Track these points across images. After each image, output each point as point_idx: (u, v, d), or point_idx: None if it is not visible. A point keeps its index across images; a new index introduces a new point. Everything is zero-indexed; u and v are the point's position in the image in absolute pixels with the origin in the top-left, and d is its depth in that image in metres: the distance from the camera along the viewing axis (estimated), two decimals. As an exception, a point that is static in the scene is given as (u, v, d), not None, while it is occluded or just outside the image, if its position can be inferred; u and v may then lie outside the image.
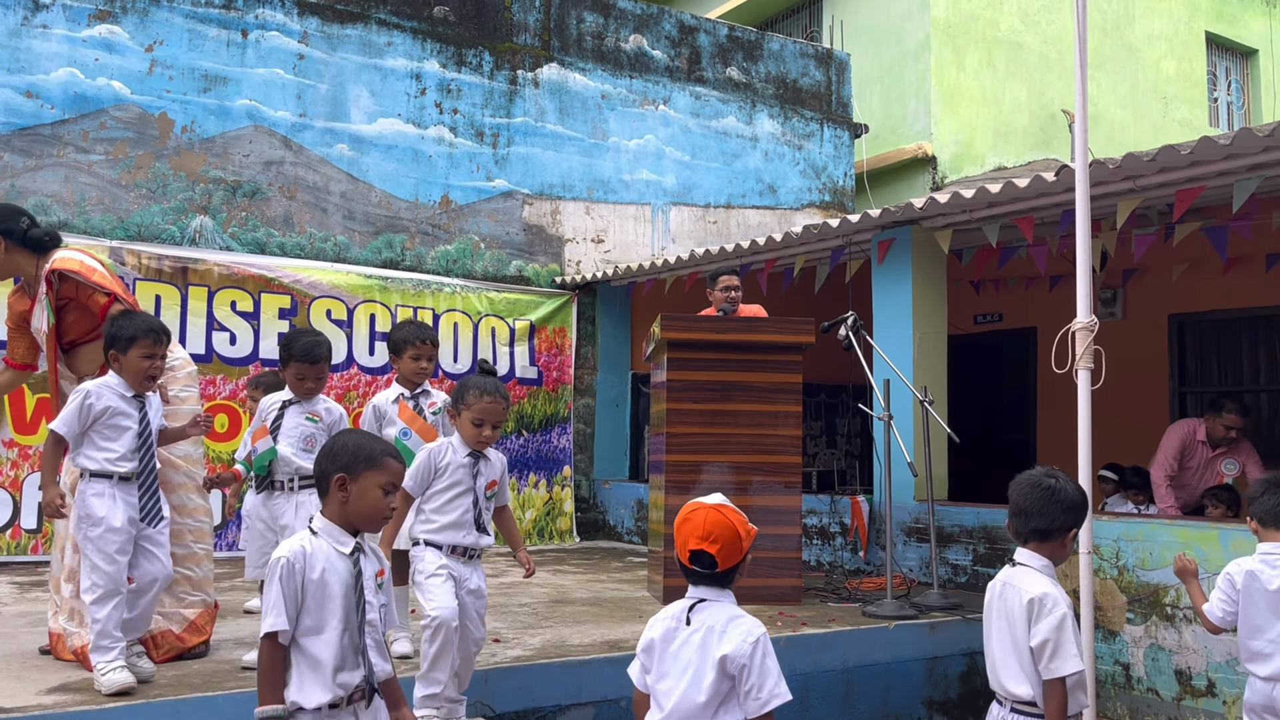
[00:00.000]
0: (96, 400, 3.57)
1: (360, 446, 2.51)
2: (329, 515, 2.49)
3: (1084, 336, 4.40)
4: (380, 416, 4.31)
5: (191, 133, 7.93)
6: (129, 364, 3.63)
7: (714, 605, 2.58)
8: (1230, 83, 14.92)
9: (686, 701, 2.49)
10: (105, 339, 3.68)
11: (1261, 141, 4.80)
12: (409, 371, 4.39)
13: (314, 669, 2.37)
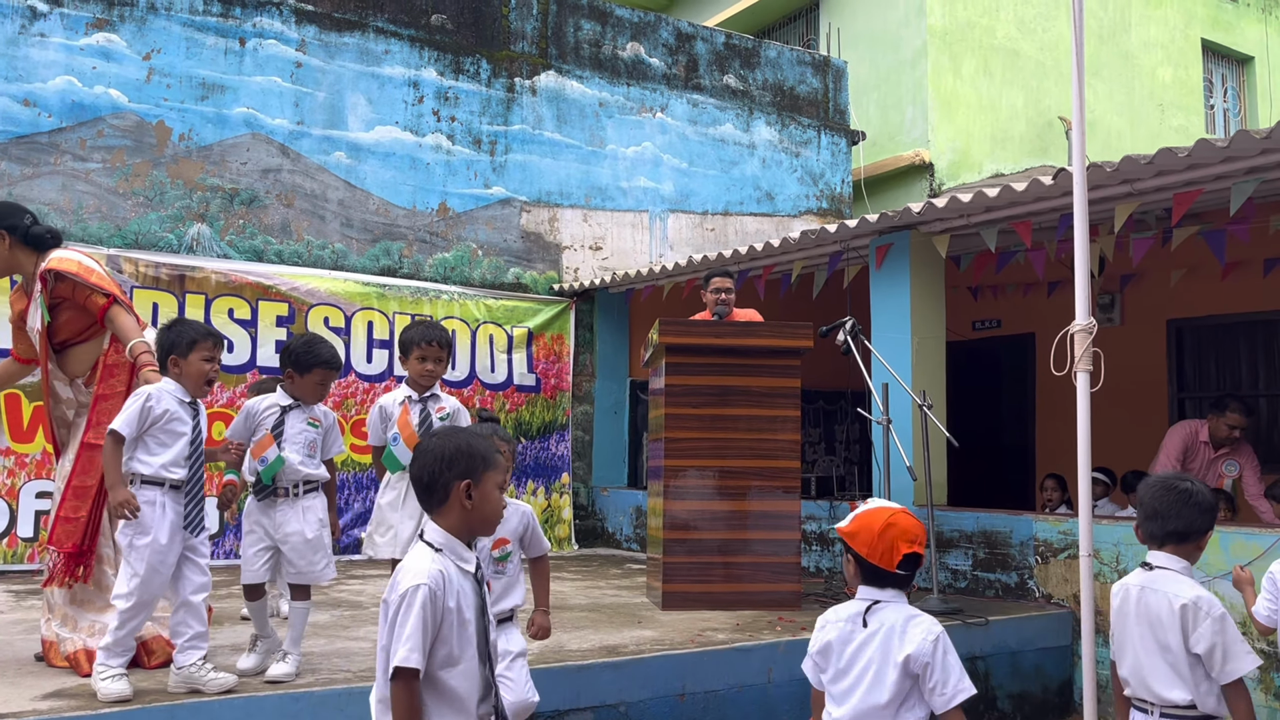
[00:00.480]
0: (157, 403, 3.55)
1: (473, 446, 2.32)
2: (449, 526, 2.29)
3: (1083, 338, 4.38)
4: (385, 417, 4.25)
5: (189, 141, 7.93)
6: (190, 368, 3.64)
7: (890, 606, 2.65)
8: (1226, 90, 14.96)
9: (868, 702, 2.57)
10: (161, 345, 3.67)
11: (1259, 144, 4.80)
12: (416, 374, 4.27)
13: (453, 704, 2.19)
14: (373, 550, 4.23)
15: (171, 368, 3.65)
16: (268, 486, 3.92)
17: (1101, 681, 5.45)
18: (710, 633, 4.83)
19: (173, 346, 3.64)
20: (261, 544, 3.92)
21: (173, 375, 3.65)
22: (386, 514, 4.18)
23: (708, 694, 4.37)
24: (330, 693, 3.58)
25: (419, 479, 2.32)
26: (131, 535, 3.49)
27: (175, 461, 3.58)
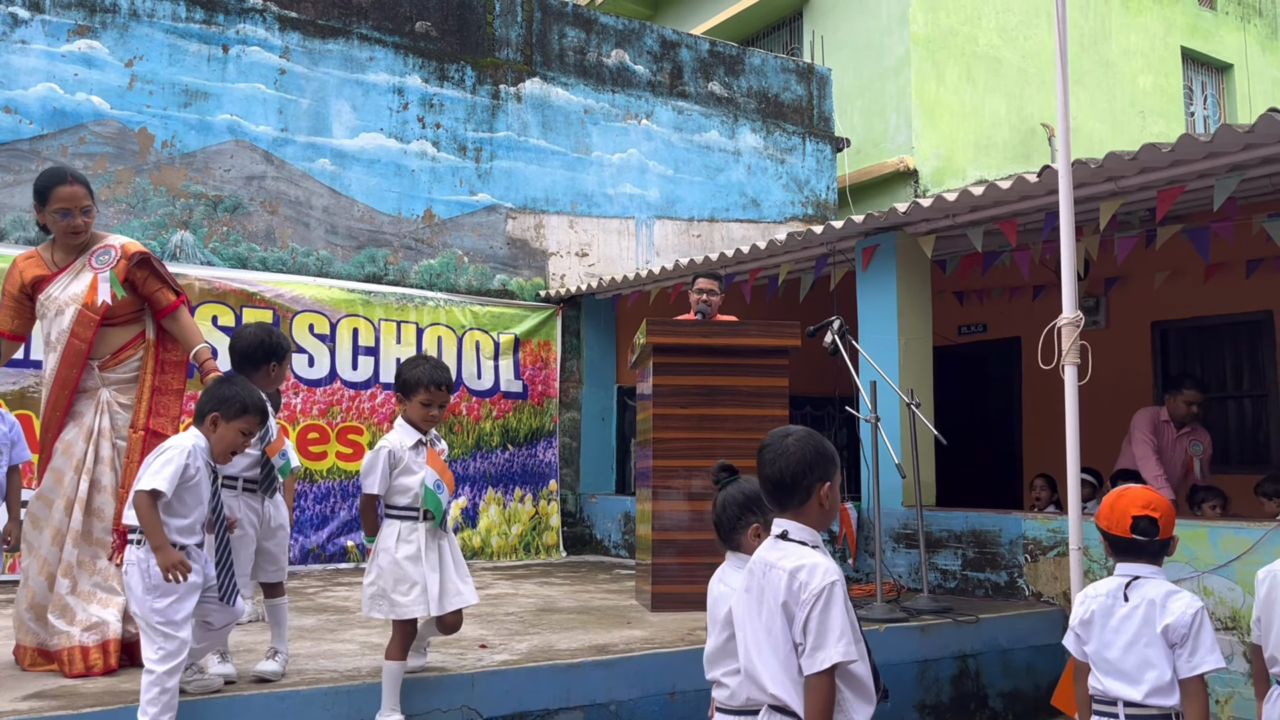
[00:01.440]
0: (192, 462, 3.27)
1: (828, 448, 2.42)
2: (810, 524, 2.38)
3: (1070, 332, 4.40)
4: (395, 464, 3.67)
5: (172, 148, 7.89)
6: (228, 433, 3.35)
7: (1150, 581, 2.86)
8: (1206, 97, 15.10)
9: (1144, 674, 2.82)
10: (211, 396, 3.39)
11: (1241, 139, 4.83)
12: (417, 417, 3.74)
13: (862, 693, 2.27)
14: (388, 611, 3.56)
15: (209, 425, 3.35)
16: (268, 481, 3.85)
17: (1092, 679, 5.44)
18: (700, 632, 4.79)
19: (222, 403, 3.36)
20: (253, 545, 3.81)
21: (206, 432, 3.35)
22: (407, 569, 3.56)
23: (698, 693, 4.33)
24: (316, 692, 3.53)
25: (779, 480, 2.38)
26: (152, 600, 3.17)
27: (190, 528, 3.29)
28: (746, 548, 2.64)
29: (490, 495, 8.78)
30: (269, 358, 3.85)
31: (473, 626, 4.99)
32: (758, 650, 2.33)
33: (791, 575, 2.29)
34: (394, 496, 3.64)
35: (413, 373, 3.74)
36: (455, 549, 3.74)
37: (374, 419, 8.29)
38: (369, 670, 3.85)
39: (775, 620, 2.30)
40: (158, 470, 3.20)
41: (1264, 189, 5.90)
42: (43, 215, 4.03)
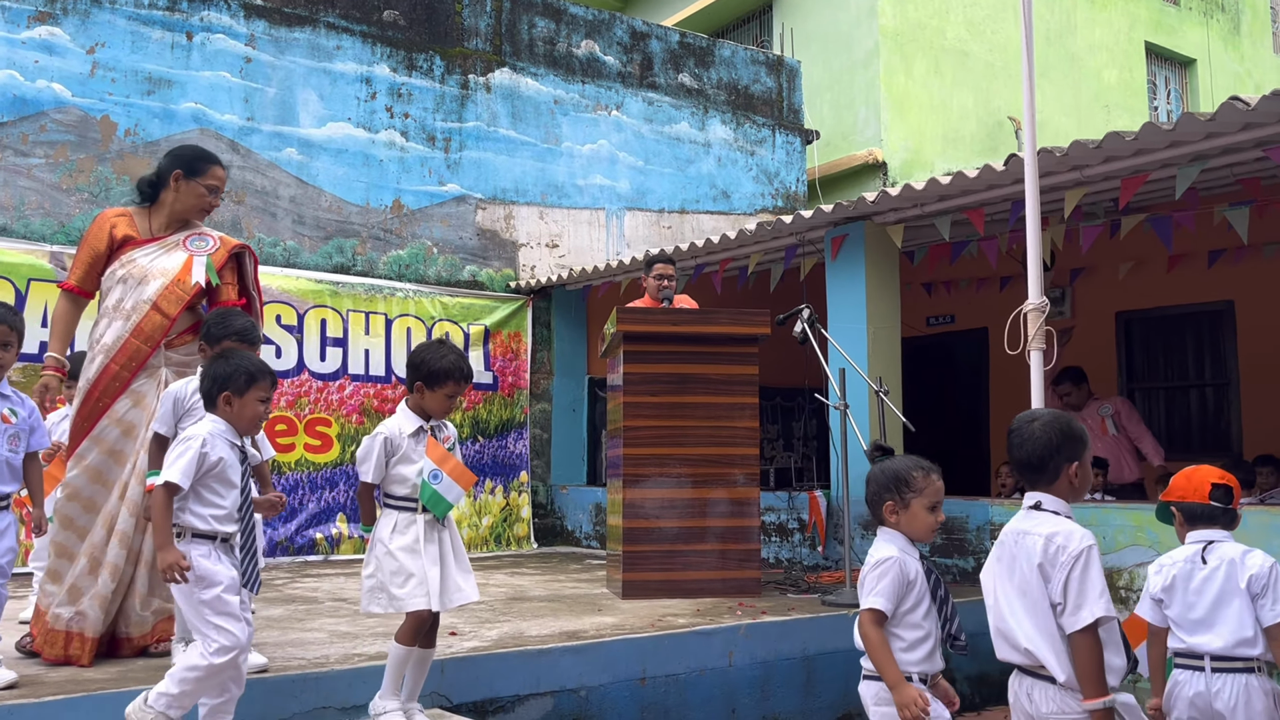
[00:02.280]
0: (211, 449, 3.09)
1: (1075, 428, 2.68)
2: (1063, 497, 2.63)
3: (1035, 317, 4.44)
4: (392, 451, 3.42)
5: (135, 136, 7.78)
6: (246, 408, 3.17)
7: (1225, 544, 3.13)
8: (1169, 92, 15.29)
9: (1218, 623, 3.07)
10: (213, 379, 3.18)
11: (1203, 128, 4.89)
12: (436, 408, 3.46)
13: (1112, 645, 2.55)
14: (386, 605, 3.35)
15: (223, 405, 3.17)
16: None
17: (1058, 662, 5.50)
18: (671, 618, 4.80)
19: (227, 380, 3.17)
20: None
21: (223, 414, 3.17)
22: (405, 561, 3.33)
23: (668, 677, 4.34)
24: (283, 679, 3.50)
25: (1028, 462, 2.65)
26: (196, 591, 3.00)
27: (229, 515, 3.11)
28: (887, 523, 2.87)
29: (460, 487, 8.73)
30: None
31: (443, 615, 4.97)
32: (1011, 611, 2.60)
33: (1048, 540, 2.53)
34: (391, 485, 3.43)
35: (441, 362, 3.43)
36: (457, 541, 3.52)
37: (342, 410, 8.23)
38: (337, 658, 3.83)
39: (1030, 583, 2.55)
40: (172, 462, 3.04)
41: (1225, 179, 5.99)
42: (179, 182, 4.05)
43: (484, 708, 3.84)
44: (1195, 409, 8.55)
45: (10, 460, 3.38)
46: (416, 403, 3.47)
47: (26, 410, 3.46)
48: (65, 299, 3.97)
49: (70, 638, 3.69)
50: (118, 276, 3.92)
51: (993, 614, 2.69)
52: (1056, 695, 2.54)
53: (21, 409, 3.44)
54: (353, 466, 8.22)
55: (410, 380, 3.49)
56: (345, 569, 7.33)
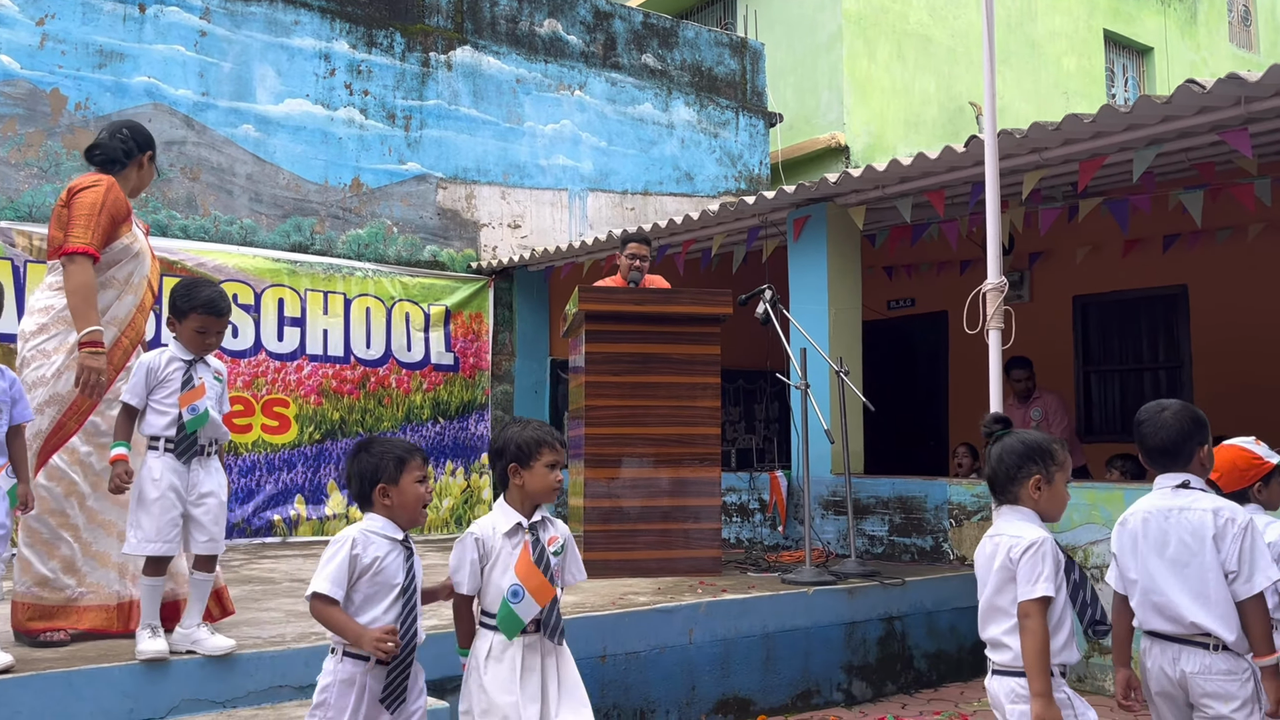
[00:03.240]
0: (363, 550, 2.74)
1: (1199, 412, 2.86)
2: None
3: (994, 297, 4.47)
4: (485, 556, 2.89)
5: (86, 110, 7.61)
6: (405, 495, 2.81)
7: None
8: (1127, 79, 15.47)
9: None
10: (359, 476, 2.84)
11: (1159, 110, 4.95)
12: (541, 489, 2.94)
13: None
14: None
15: (380, 500, 2.78)
16: (185, 442, 3.46)
17: (1013, 639, 5.58)
18: (631, 596, 4.80)
19: (378, 473, 2.78)
20: (175, 510, 3.42)
21: (382, 510, 2.79)
22: (497, 697, 2.79)
23: (629, 655, 4.35)
24: (239, 657, 3.45)
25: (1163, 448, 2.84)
26: None
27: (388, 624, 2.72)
28: (1026, 500, 2.67)
29: (421, 468, 8.67)
30: None
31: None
32: (1166, 585, 2.75)
33: (1216, 514, 2.73)
34: (486, 599, 2.88)
35: (526, 434, 2.94)
36: (567, 669, 2.94)
37: (300, 391, 8.13)
38: (293, 636, 3.78)
39: (1197, 555, 2.72)
40: (320, 568, 2.69)
41: (1180, 164, 6.07)
42: (150, 164, 4.10)
43: (444, 685, 3.81)
44: (1149, 391, 8.68)
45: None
46: (516, 494, 2.94)
47: (7, 382, 3.33)
48: (91, 267, 3.66)
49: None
50: (133, 251, 3.87)
51: (1140, 588, 2.83)
52: (1220, 659, 2.70)
53: (2, 380, 3.32)
54: (310, 447, 8.14)
55: (499, 469, 2.97)
56: (303, 550, 7.26)
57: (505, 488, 2.97)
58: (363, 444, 2.88)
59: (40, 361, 3.71)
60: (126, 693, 3.23)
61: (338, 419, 8.29)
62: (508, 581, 2.83)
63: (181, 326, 3.54)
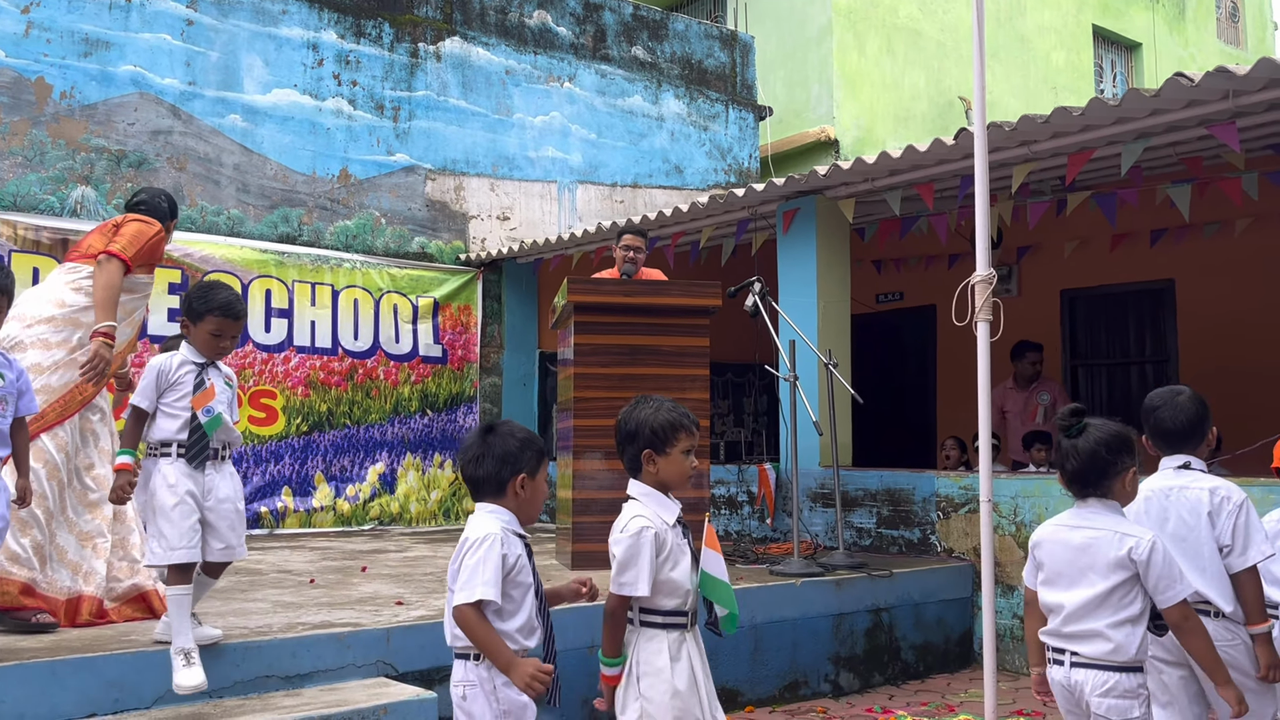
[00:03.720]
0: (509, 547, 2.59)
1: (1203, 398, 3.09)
2: (1203, 458, 3.02)
3: (983, 289, 4.47)
4: (661, 548, 2.69)
5: (71, 99, 7.55)
6: (539, 489, 2.70)
7: None
8: (1116, 75, 15.52)
9: None
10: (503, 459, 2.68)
11: (1148, 103, 4.96)
12: (676, 478, 2.76)
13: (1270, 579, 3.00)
14: None
15: (514, 490, 2.63)
16: (197, 446, 3.34)
17: (1000, 631, 5.60)
18: (620, 588, 4.80)
19: (519, 462, 2.63)
20: (194, 515, 3.29)
21: (512, 501, 2.64)
22: (690, 702, 2.64)
23: (617, 646, 4.33)
24: (226, 647, 3.44)
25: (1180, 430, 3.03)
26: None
27: (530, 626, 2.61)
28: (1119, 492, 2.68)
29: (409, 461, 8.66)
30: None
31: (388, 585, 4.93)
32: None
33: (1212, 492, 2.91)
34: (660, 598, 2.66)
35: (661, 416, 2.75)
36: (705, 661, 2.82)
37: (287, 383, 8.09)
38: (280, 627, 3.77)
39: (1194, 530, 2.90)
40: (472, 572, 2.49)
41: (1168, 158, 6.08)
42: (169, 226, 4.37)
43: (431, 676, 3.81)
44: (1136, 385, 8.71)
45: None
46: (653, 478, 2.73)
47: (15, 373, 3.25)
48: (122, 275, 3.96)
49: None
50: (146, 291, 4.24)
51: None
52: (1217, 626, 2.85)
53: (10, 371, 3.23)
54: (298, 439, 8.11)
55: (633, 454, 2.75)
56: (290, 543, 7.24)
57: (637, 473, 2.74)
58: (494, 426, 2.69)
59: (40, 350, 3.85)
60: (111, 682, 3.22)
61: (325, 411, 8.26)
62: (685, 572, 2.64)
63: (196, 329, 3.42)
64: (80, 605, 3.76)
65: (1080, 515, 2.70)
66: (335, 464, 8.26)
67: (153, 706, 3.26)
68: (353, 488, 8.30)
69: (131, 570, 3.96)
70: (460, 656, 2.56)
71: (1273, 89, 4.71)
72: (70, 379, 3.85)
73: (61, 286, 3.99)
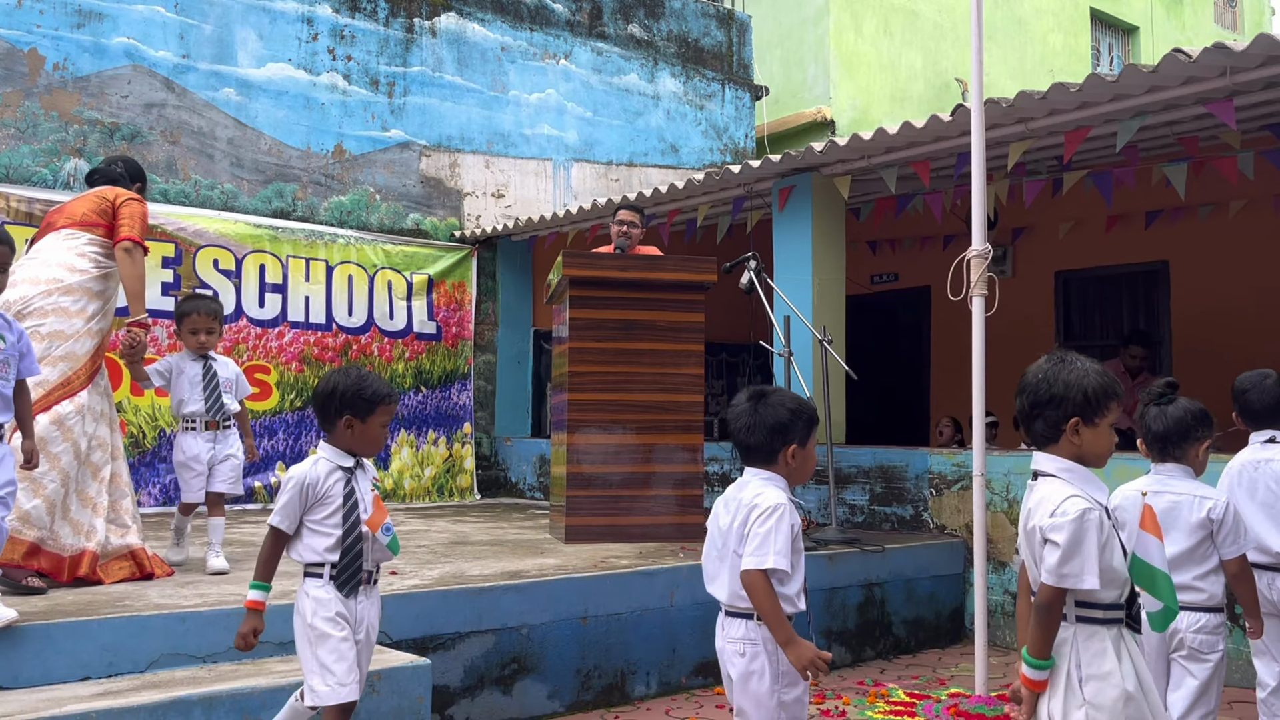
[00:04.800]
0: (792, 515, 2.61)
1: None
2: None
3: (978, 264, 4.47)
4: (1101, 530, 2.30)
5: (64, 71, 7.50)
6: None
7: None
8: (1113, 59, 15.49)
9: None
10: None
11: (1146, 80, 4.95)
12: (1101, 454, 2.37)
13: None
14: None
15: (785, 459, 2.68)
16: (352, 570, 2.86)
17: (991, 607, 5.63)
18: (613, 560, 4.82)
19: (788, 431, 2.65)
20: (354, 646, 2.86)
21: (784, 468, 2.68)
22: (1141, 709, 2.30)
23: (610, 617, 4.36)
24: (217, 613, 3.45)
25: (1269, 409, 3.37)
26: (779, 690, 2.55)
27: (802, 590, 2.60)
28: (1193, 459, 3.07)
29: (403, 437, 8.66)
30: None
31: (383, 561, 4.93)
32: (1258, 524, 3.26)
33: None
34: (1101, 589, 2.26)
35: (1096, 379, 2.34)
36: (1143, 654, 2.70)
37: (281, 358, 8.08)
38: (274, 594, 3.75)
39: (1277, 496, 3.26)
40: (765, 540, 2.49)
41: (1165, 138, 6.08)
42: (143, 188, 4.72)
43: (425, 644, 3.82)
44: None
45: (1, 390, 3.21)
46: (1074, 451, 2.35)
47: (15, 334, 3.29)
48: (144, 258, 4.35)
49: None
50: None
51: None
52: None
53: (10, 334, 3.26)
54: (292, 415, 8.10)
55: (1054, 420, 2.33)
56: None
57: (1048, 443, 2.35)
58: (764, 394, 2.67)
59: (61, 318, 4.05)
60: (106, 646, 3.22)
61: (319, 386, 8.24)
62: (1121, 563, 2.28)
63: (363, 425, 2.91)
64: (82, 560, 3.90)
65: (1160, 480, 3.10)
66: (329, 440, 8.25)
67: (147, 670, 3.26)
68: (346, 463, 8.30)
69: (122, 533, 4.04)
70: (739, 615, 2.59)
71: (1270, 66, 4.70)
72: (91, 347, 4.11)
73: (66, 253, 4.18)
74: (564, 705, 4.20)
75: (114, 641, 3.24)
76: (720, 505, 2.71)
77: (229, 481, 4.59)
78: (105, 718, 2.85)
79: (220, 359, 4.76)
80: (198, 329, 4.65)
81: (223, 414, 4.63)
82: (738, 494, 2.65)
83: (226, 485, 4.57)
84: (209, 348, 4.69)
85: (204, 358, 4.66)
